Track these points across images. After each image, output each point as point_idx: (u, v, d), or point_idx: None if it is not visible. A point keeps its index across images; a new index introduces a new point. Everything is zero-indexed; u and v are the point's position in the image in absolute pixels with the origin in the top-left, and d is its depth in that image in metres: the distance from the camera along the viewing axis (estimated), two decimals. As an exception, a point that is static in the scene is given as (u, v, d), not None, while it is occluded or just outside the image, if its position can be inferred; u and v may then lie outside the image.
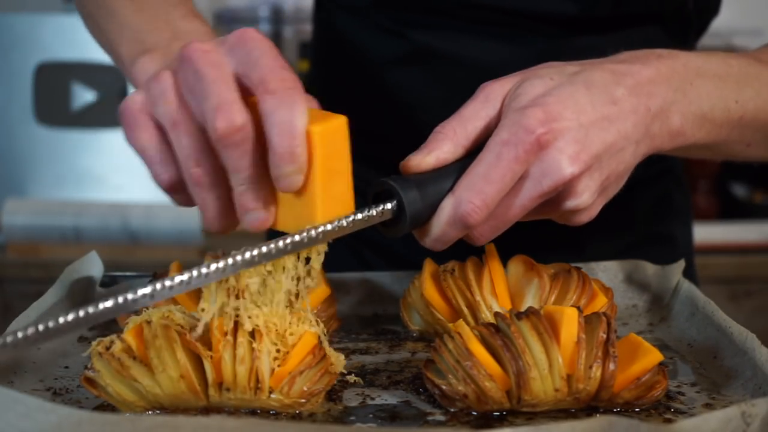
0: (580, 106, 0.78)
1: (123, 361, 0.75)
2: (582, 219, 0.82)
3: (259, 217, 0.74)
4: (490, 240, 0.81)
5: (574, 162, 0.77)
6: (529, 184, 0.78)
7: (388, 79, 1.11)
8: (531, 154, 0.76)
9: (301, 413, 0.77)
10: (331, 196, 0.74)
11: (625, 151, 0.80)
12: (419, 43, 1.08)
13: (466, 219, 0.77)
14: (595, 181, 0.80)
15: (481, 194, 0.77)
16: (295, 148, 0.71)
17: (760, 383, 0.79)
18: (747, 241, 2.37)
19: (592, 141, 0.78)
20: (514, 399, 0.76)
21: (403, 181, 0.78)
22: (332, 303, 0.93)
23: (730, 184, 2.56)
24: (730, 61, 0.87)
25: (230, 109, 0.71)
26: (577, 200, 0.79)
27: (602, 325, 0.77)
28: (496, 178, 0.76)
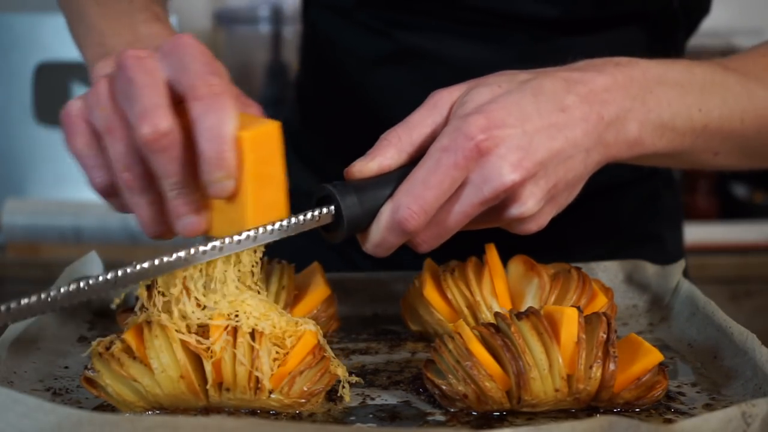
0: (525, 114, 0.78)
1: (123, 361, 0.75)
2: (530, 228, 0.81)
3: (191, 223, 0.74)
4: (433, 248, 0.80)
5: (515, 169, 0.76)
6: (470, 191, 0.77)
7: (372, 79, 1.11)
8: (470, 160, 0.76)
9: (301, 413, 0.77)
10: (262, 201, 0.74)
11: (575, 158, 0.79)
12: (403, 43, 1.08)
13: (404, 224, 0.77)
14: (541, 189, 0.79)
15: (419, 200, 0.76)
16: (224, 153, 0.71)
17: (761, 383, 0.79)
18: (747, 241, 2.36)
19: (537, 148, 0.77)
20: (514, 399, 0.76)
21: (343, 187, 0.79)
22: (332, 303, 0.93)
23: (730, 184, 2.56)
24: (694, 69, 0.86)
25: (156, 114, 0.71)
26: (522, 208, 0.79)
27: (602, 325, 0.77)
28: (434, 183, 0.76)
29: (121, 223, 2.27)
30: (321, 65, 1.20)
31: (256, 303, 0.77)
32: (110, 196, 0.77)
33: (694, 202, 2.51)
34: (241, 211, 0.74)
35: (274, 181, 0.75)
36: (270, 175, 0.75)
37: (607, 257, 1.06)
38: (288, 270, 0.93)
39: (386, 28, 1.09)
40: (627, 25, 1.07)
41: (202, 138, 0.71)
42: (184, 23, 2.64)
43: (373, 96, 1.12)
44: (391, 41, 1.09)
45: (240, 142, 0.72)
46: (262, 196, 0.74)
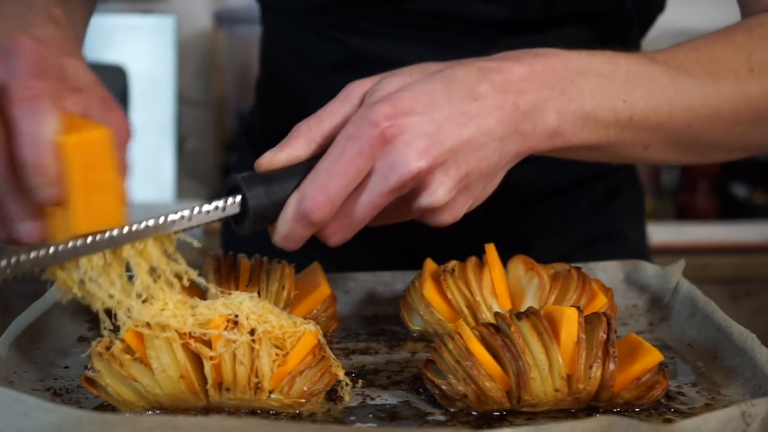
0: (434, 101, 0.77)
1: (123, 361, 0.75)
2: (444, 219, 0.80)
3: (28, 229, 0.73)
4: (344, 240, 0.79)
5: (422, 156, 0.75)
6: (376, 179, 0.76)
7: (327, 83, 1.11)
8: (375, 147, 0.75)
9: (301, 413, 0.77)
10: (94, 209, 0.73)
11: (487, 147, 0.78)
12: (355, 49, 1.07)
13: (309, 215, 0.76)
14: (451, 178, 0.77)
15: (324, 189, 0.75)
16: (42, 159, 0.69)
17: (760, 383, 0.79)
18: (747, 241, 2.37)
19: (446, 136, 0.76)
20: (514, 399, 0.76)
21: (250, 177, 0.78)
22: (332, 303, 0.93)
23: (730, 184, 2.56)
24: (618, 60, 0.84)
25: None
26: (432, 197, 0.77)
27: (602, 325, 0.77)
28: (339, 172, 0.75)
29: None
30: (279, 69, 1.20)
31: (254, 304, 0.77)
32: None
33: (694, 202, 2.51)
34: (71, 217, 0.72)
35: (105, 189, 0.73)
36: (100, 182, 0.73)
37: (569, 255, 1.07)
38: (288, 270, 0.93)
39: (339, 33, 1.08)
40: (579, 24, 1.07)
41: (20, 143, 0.69)
42: (184, 23, 2.64)
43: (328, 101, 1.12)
44: (343, 47, 1.08)
45: (62, 148, 0.70)
46: (92, 202, 0.72)
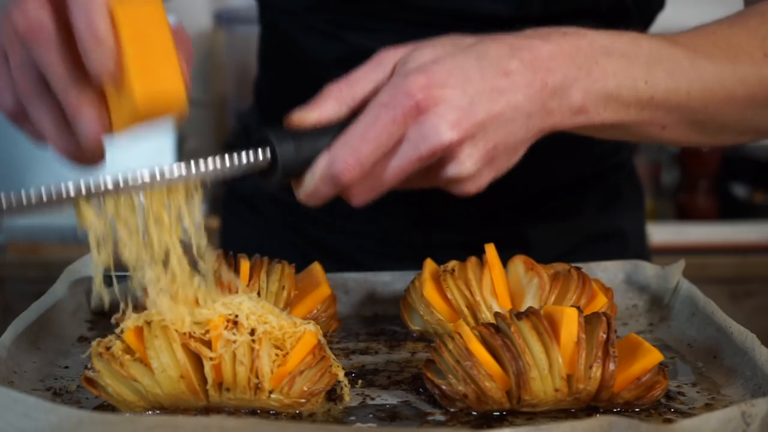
0: (467, 76, 0.78)
1: (123, 361, 0.75)
2: (468, 188, 0.81)
3: (89, 121, 0.72)
4: (367, 201, 0.80)
5: (453, 128, 0.76)
6: (407, 147, 0.77)
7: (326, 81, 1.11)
8: (409, 117, 0.76)
9: (301, 413, 0.77)
10: (151, 75, 0.72)
11: (515, 122, 0.79)
12: (355, 45, 1.08)
13: (339, 176, 0.77)
14: (479, 150, 0.78)
15: (355, 153, 0.76)
16: (96, 25, 0.70)
17: (760, 383, 0.79)
18: (747, 241, 2.37)
19: (477, 109, 0.77)
20: (514, 399, 0.76)
21: (281, 132, 0.79)
22: (332, 303, 0.93)
23: (730, 184, 2.56)
24: (641, 42, 0.86)
25: (26, 5, 0.71)
26: (459, 167, 0.78)
27: (602, 325, 0.77)
28: (371, 137, 0.76)
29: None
30: (278, 67, 1.20)
31: (254, 304, 0.77)
32: (19, 121, 0.77)
33: (694, 202, 2.51)
34: (129, 89, 0.71)
35: (162, 56, 0.72)
36: (156, 51, 0.72)
37: (571, 253, 1.07)
38: (288, 270, 0.93)
39: (338, 30, 1.09)
40: (579, 21, 1.07)
41: (75, 16, 0.70)
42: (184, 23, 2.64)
43: None
44: (343, 44, 1.09)
45: (114, 16, 0.71)
46: (149, 69, 0.72)
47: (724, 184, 2.55)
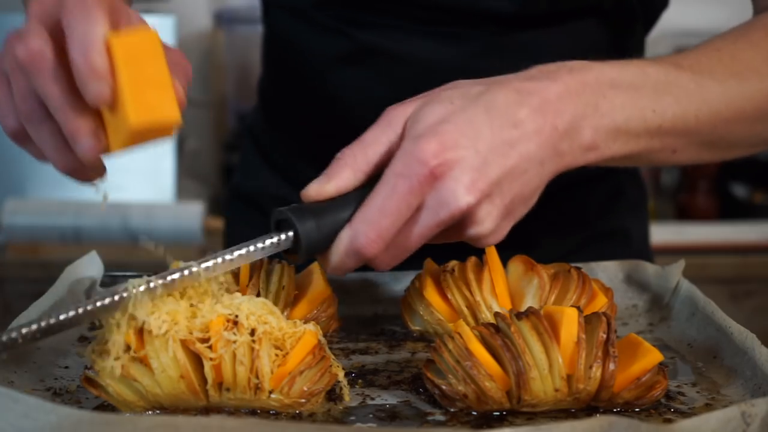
0: (477, 132, 0.78)
1: (123, 361, 0.75)
2: (489, 242, 0.82)
3: (88, 144, 0.75)
4: (392, 266, 0.81)
5: (470, 191, 0.77)
6: (426, 215, 0.78)
7: (332, 79, 1.12)
8: (425, 185, 0.77)
9: (301, 413, 0.77)
10: (145, 103, 0.74)
11: (529, 173, 0.80)
12: (361, 42, 1.08)
13: (362, 251, 0.78)
14: (497, 207, 0.79)
15: (376, 227, 0.77)
16: (92, 56, 0.72)
17: (760, 383, 0.79)
18: (747, 241, 2.37)
19: (490, 167, 0.78)
20: (514, 399, 0.76)
21: (300, 211, 0.80)
22: (332, 303, 0.93)
23: (730, 184, 2.56)
24: (647, 70, 0.86)
25: (27, 36, 0.74)
26: (479, 228, 0.79)
27: (602, 325, 0.77)
28: (390, 210, 0.77)
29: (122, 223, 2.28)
30: (283, 67, 1.20)
31: (254, 305, 0.77)
32: (22, 141, 0.79)
33: (694, 202, 2.51)
34: (123, 113, 0.74)
35: (157, 85, 0.75)
36: (151, 78, 0.74)
37: (575, 252, 1.07)
38: (288, 270, 0.93)
39: (344, 27, 1.09)
40: (584, 19, 1.08)
41: (72, 49, 0.73)
42: (184, 23, 2.64)
43: (335, 96, 1.12)
44: (350, 40, 1.09)
45: (110, 48, 0.73)
46: (144, 97, 0.74)
47: (724, 184, 2.54)
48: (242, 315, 0.76)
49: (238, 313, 0.76)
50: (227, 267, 0.79)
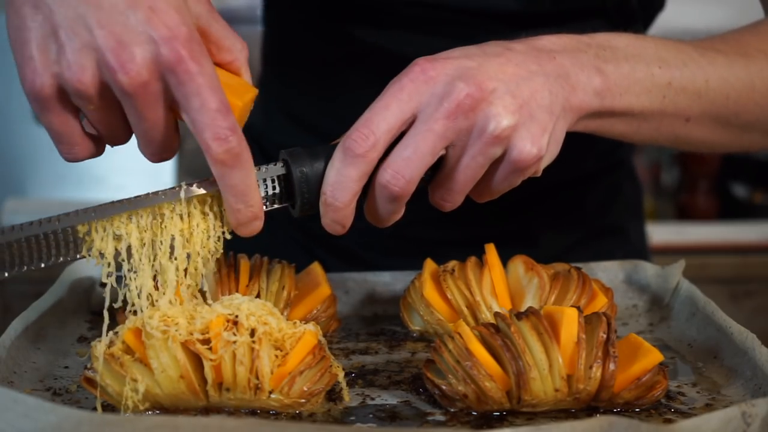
0: (501, 69, 0.81)
1: (123, 361, 0.75)
2: (540, 165, 0.82)
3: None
4: (456, 205, 0.84)
5: (509, 111, 0.79)
6: (473, 145, 0.80)
7: (335, 78, 1.12)
8: (462, 119, 0.79)
9: (301, 413, 0.77)
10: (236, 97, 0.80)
11: (533, 80, 0.81)
12: (365, 42, 1.08)
13: (392, 190, 0.80)
14: (536, 124, 0.80)
15: (408, 169, 0.80)
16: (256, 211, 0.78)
17: (760, 383, 0.79)
18: (747, 241, 2.37)
19: (520, 90, 0.80)
20: (514, 399, 0.76)
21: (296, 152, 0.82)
22: (332, 303, 0.93)
23: (730, 184, 2.56)
24: (644, 38, 0.89)
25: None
26: (525, 148, 0.80)
27: (602, 325, 0.77)
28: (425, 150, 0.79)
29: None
30: (284, 67, 1.20)
31: (254, 305, 0.77)
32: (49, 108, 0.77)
33: (694, 202, 2.51)
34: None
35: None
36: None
37: (574, 249, 1.08)
38: (288, 270, 0.93)
39: (348, 27, 1.09)
40: (587, 20, 1.09)
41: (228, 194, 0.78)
42: (184, 23, 2.64)
43: (337, 95, 1.12)
44: (353, 40, 1.09)
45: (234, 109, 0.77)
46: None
47: (724, 184, 2.55)
48: (242, 315, 0.76)
49: (238, 313, 0.76)
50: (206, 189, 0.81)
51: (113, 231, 0.78)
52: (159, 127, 0.76)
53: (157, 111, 0.75)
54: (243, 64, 0.82)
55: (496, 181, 0.83)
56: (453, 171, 0.82)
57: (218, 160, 0.76)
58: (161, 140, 0.77)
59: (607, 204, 1.20)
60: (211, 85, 0.74)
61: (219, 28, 0.80)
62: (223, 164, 0.76)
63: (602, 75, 0.85)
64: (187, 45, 0.73)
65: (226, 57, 0.81)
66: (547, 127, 0.81)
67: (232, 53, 0.81)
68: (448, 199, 0.84)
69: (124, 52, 0.72)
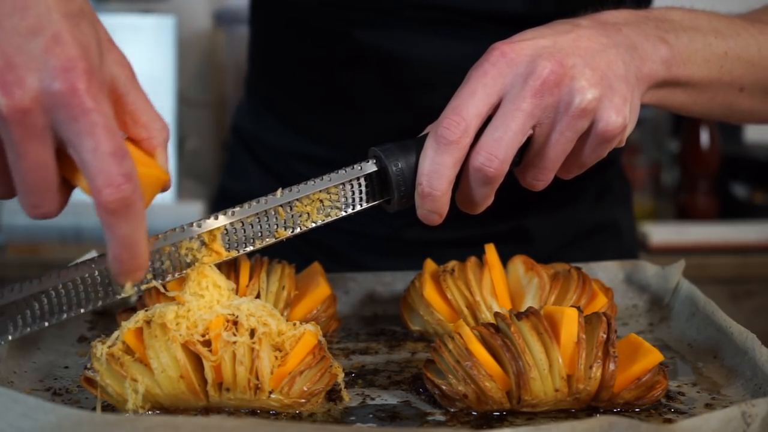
0: (576, 45, 0.83)
1: (123, 361, 0.75)
2: (624, 133, 0.84)
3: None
4: (546, 183, 0.86)
5: (592, 85, 0.81)
6: (561, 121, 0.82)
7: (333, 80, 1.11)
8: (548, 95, 0.81)
9: (301, 413, 0.77)
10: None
11: (607, 53, 0.84)
12: (365, 44, 1.08)
13: (486, 172, 0.81)
14: (617, 94, 0.83)
15: (501, 149, 0.81)
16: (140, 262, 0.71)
17: (760, 383, 0.79)
18: (747, 241, 2.36)
19: (596, 62, 0.83)
20: (514, 399, 0.76)
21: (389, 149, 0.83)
22: (332, 303, 0.93)
23: (730, 184, 2.56)
24: (696, 11, 0.93)
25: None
26: (611, 119, 0.82)
27: (602, 325, 0.77)
28: (516, 129, 0.81)
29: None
30: (276, 68, 1.19)
31: (254, 306, 0.77)
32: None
33: (694, 202, 2.51)
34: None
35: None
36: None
37: (569, 246, 1.08)
38: (288, 270, 0.93)
39: (348, 28, 1.08)
40: None
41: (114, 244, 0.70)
42: (184, 23, 2.64)
43: (335, 97, 1.12)
44: (353, 42, 1.08)
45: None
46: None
47: (724, 184, 2.54)
48: (242, 315, 0.76)
49: (238, 313, 0.76)
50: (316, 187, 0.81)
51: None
52: (39, 171, 0.68)
53: (38, 149, 0.67)
54: (160, 145, 0.74)
55: (585, 154, 0.85)
56: (543, 148, 0.83)
57: (108, 208, 0.68)
58: (41, 188, 0.68)
59: (600, 201, 1.22)
60: (107, 126, 0.66)
61: (138, 99, 0.73)
62: (113, 213, 0.68)
63: (666, 44, 0.88)
64: (84, 78, 0.66)
65: (141, 133, 0.73)
66: (627, 97, 0.83)
67: (148, 130, 0.73)
68: (540, 177, 0.85)
69: (12, 73, 0.65)
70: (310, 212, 0.82)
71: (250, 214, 0.80)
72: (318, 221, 0.82)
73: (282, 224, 0.81)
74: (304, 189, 0.81)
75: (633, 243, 1.27)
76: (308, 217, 0.82)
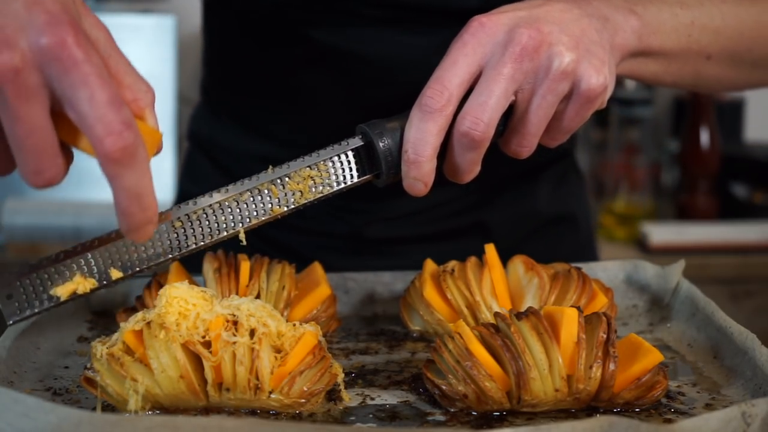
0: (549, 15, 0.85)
1: (123, 361, 0.75)
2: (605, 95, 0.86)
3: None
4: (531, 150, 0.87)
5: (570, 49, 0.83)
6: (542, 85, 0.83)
7: (291, 81, 1.10)
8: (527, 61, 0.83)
9: (301, 413, 0.77)
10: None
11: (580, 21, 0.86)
12: (323, 44, 1.07)
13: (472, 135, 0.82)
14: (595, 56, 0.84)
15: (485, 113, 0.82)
16: (145, 211, 0.69)
17: (760, 383, 0.79)
18: (747, 241, 2.36)
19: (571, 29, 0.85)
20: (514, 399, 0.76)
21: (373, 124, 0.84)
22: (332, 303, 0.93)
23: (730, 184, 2.56)
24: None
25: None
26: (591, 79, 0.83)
27: (602, 325, 0.77)
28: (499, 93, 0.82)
29: (121, 223, 2.27)
30: (233, 72, 1.18)
31: (254, 306, 0.77)
32: None
33: (694, 202, 2.51)
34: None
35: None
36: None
37: (528, 238, 1.09)
38: (288, 270, 0.93)
39: (305, 28, 1.07)
40: None
41: (120, 195, 0.69)
42: (184, 23, 2.64)
43: (294, 97, 1.11)
44: (310, 42, 1.07)
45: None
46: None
47: (724, 184, 2.54)
48: (242, 315, 0.76)
49: (238, 313, 0.76)
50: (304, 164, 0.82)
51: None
52: (37, 134, 0.66)
53: (33, 109, 0.65)
54: (148, 105, 0.73)
55: (568, 117, 0.86)
56: (525, 114, 0.85)
57: (111, 158, 0.66)
58: (41, 152, 0.67)
59: (556, 193, 1.23)
60: (100, 75, 0.65)
61: (120, 62, 0.72)
62: (117, 163, 0.66)
63: (636, 15, 0.90)
64: (71, 31, 0.65)
65: (127, 95, 0.72)
66: (604, 59, 0.85)
67: (133, 92, 0.72)
68: (524, 144, 0.86)
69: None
70: (302, 190, 0.82)
71: (244, 190, 0.80)
72: (311, 198, 0.83)
73: (276, 203, 0.81)
74: (294, 165, 0.82)
75: (590, 234, 1.29)
76: (301, 195, 0.82)
